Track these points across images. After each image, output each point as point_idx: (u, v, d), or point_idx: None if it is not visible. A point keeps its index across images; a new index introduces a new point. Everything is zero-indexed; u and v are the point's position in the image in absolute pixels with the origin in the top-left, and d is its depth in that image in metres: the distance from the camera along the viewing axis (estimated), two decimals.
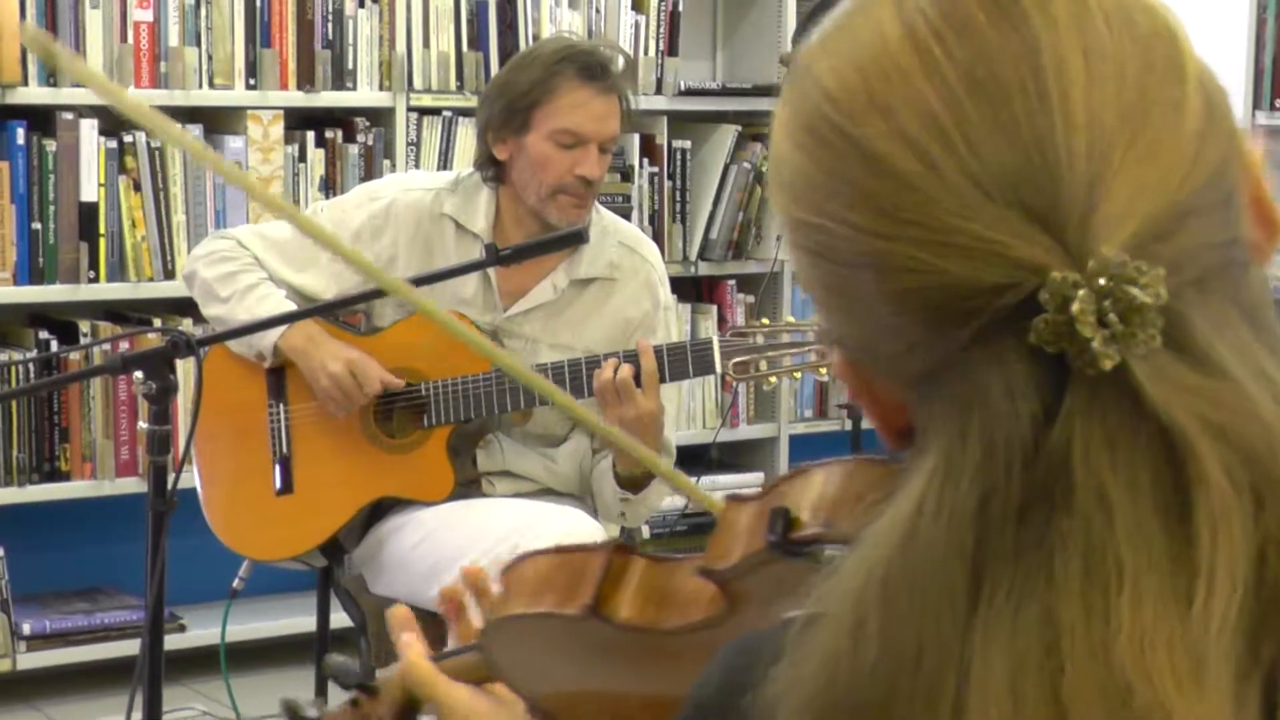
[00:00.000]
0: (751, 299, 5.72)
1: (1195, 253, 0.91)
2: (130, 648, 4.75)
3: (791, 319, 4.13)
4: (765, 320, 3.87)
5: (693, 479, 4.46)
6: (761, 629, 1.04)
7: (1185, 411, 0.88)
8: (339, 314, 3.73)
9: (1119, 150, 0.91)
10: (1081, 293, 0.88)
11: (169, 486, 2.93)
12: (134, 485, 4.87)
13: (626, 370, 3.49)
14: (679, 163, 5.60)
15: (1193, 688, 0.86)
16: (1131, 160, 0.91)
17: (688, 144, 5.61)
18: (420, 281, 3.50)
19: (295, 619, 4.98)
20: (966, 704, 0.87)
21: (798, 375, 3.73)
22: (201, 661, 4.81)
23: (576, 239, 3.39)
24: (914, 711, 0.88)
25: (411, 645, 1.59)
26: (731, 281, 5.70)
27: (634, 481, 3.64)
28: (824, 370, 3.77)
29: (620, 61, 3.69)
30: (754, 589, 1.21)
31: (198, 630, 4.91)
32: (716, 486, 5.55)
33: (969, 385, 0.91)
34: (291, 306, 3.63)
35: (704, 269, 5.63)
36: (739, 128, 5.65)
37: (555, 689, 1.45)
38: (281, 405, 3.73)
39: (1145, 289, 0.88)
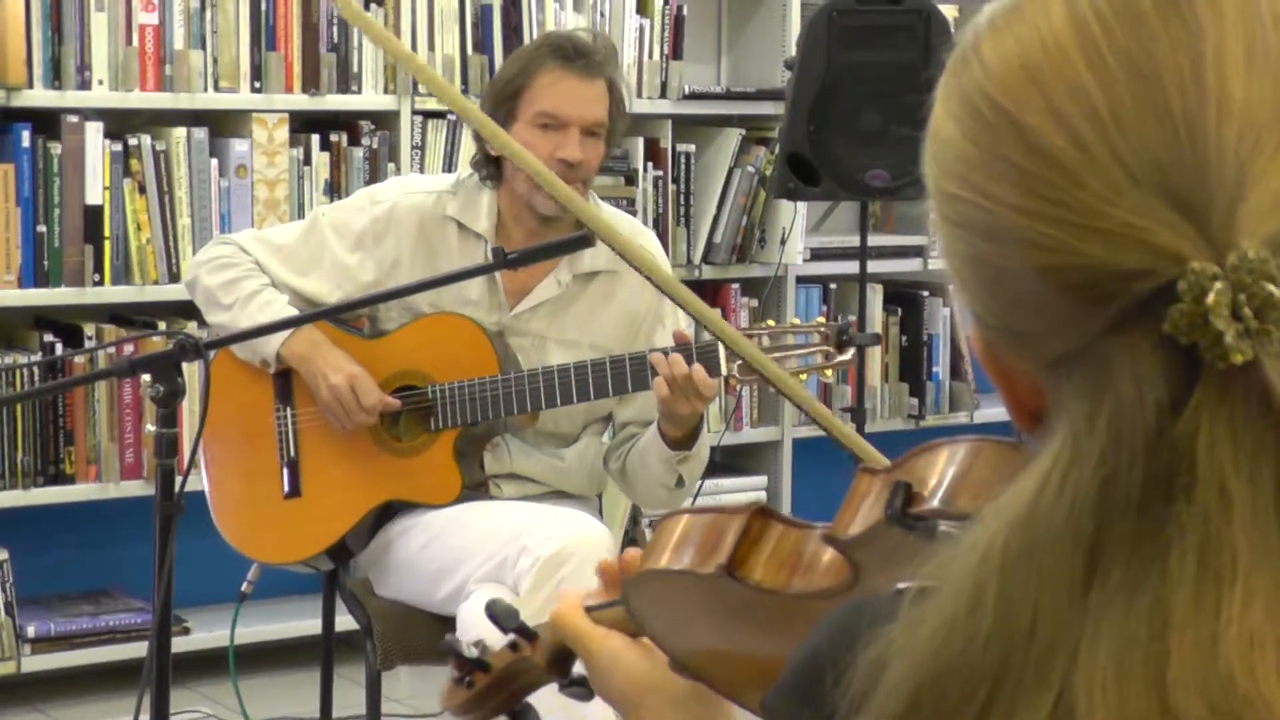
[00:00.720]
0: (755, 302, 5.73)
1: None
2: (135, 650, 4.75)
3: (796, 320, 4.13)
4: (771, 322, 3.87)
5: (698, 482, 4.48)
6: (860, 599, 1.06)
7: None
8: (344, 317, 3.73)
9: (1270, 146, 0.91)
10: (1218, 285, 0.88)
11: (176, 489, 2.93)
12: (138, 488, 4.87)
13: (681, 364, 3.45)
14: (683, 166, 5.61)
15: None
16: None
17: (692, 148, 5.61)
18: (428, 285, 3.50)
19: (300, 622, 4.98)
20: (1074, 682, 0.88)
21: (804, 377, 3.73)
22: (205, 664, 4.81)
23: (583, 243, 3.39)
24: (1024, 684, 0.89)
25: (566, 594, 1.62)
26: (735, 285, 5.70)
27: (684, 440, 3.60)
28: (829, 373, 3.77)
29: (603, 48, 3.67)
30: (874, 559, 1.24)
31: (201, 633, 4.92)
32: (720, 490, 5.56)
33: (1099, 370, 0.92)
34: (295, 313, 3.63)
35: (708, 272, 5.64)
36: (743, 131, 5.65)
37: (692, 644, 1.48)
38: (289, 409, 3.73)
39: None
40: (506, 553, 3.50)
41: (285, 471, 3.74)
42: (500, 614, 1.72)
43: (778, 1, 5.74)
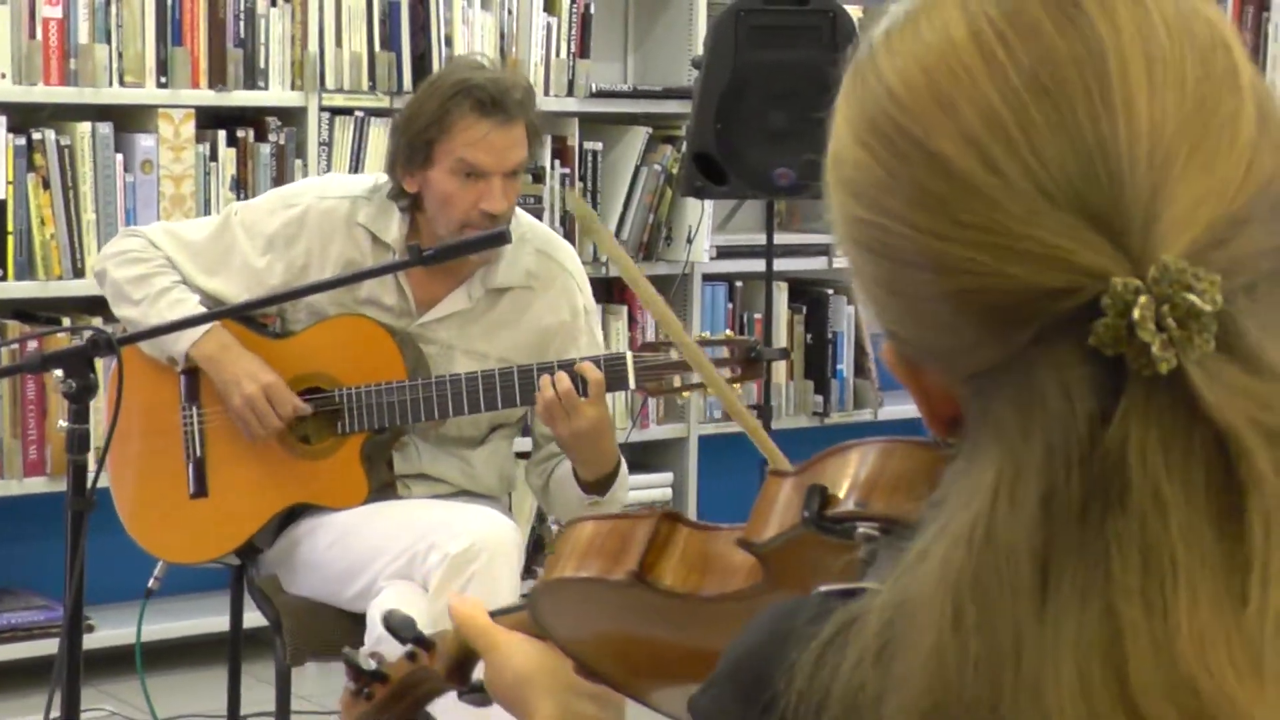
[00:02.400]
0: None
1: (1248, 259, 0.94)
2: (38, 649, 4.72)
3: (706, 334, 4.16)
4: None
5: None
6: (791, 600, 1.07)
7: (1238, 414, 0.91)
8: (253, 315, 3.72)
9: (1180, 158, 0.93)
10: (1143, 299, 0.90)
11: (88, 485, 2.92)
12: (41, 485, 4.84)
13: (565, 380, 3.49)
14: (590, 164, 5.62)
15: (1253, 681, 0.89)
16: (1192, 169, 0.93)
17: (599, 146, 5.62)
18: (342, 281, 3.50)
19: (207, 619, 4.97)
20: (1047, 695, 0.90)
21: (711, 392, 3.75)
22: (111, 663, 4.78)
23: (499, 240, 3.39)
24: (1019, 705, 0.91)
25: (466, 599, 1.65)
26: None
27: (599, 484, 3.64)
28: (738, 387, 3.79)
29: (519, 91, 3.62)
30: (789, 562, 1.25)
31: (106, 630, 4.88)
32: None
33: (1028, 385, 0.93)
34: (205, 311, 3.61)
35: (615, 270, 5.65)
36: (650, 130, 5.67)
37: (598, 648, 1.50)
38: (195, 408, 3.71)
39: (1203, 295, 0.90)
40: (416, 549, 3.51)
41: (191, 471, 3.72)
42: (397, 625, 1.73)
43: (684, 1, 5.77)
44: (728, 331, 4.92)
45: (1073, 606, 0.90)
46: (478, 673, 1.69)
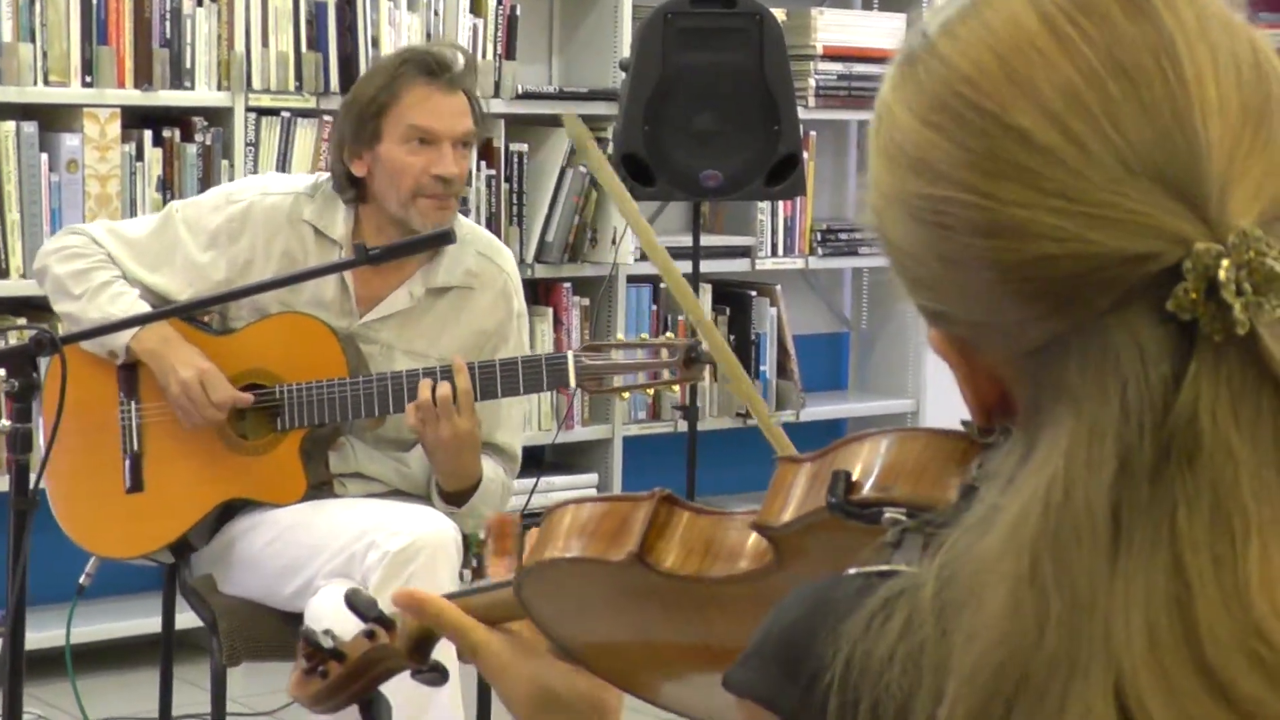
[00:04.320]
0: (587, 302, 5.77)
1: None
2: None
3: (645, 335, 4.17)
4: (620, 336, 3.90)
5: (530, 480, 4.51)
6: (826, 578, 1.09)
7: None
8: (194, 313, 3.71)
9: (1247, 137, 0.99)
10: (1225, 262, 0.95)
11: (31, 485, 2.91)
12: None
13: (446, 389, 3.52)
14: (516, 165, 5.63)
15: None
16: (1257, 146, 0.99)
17: (525, 147, 5.63)
18: (285, 281, 3.50)
19: (138, 620, 4.94)
20: (1118, 648, 0.93)
21: (650, 392, 3.77)
22: (39, 664, 4.74)
23: (445, 239, 3.40)
24: (1094, 651, 0.94)
25: (431, 595, 1.64)
26: (567, 284, 5.74)
27: (458, 496, 3.69)
28: (675, 389, 3.82)
29: (461, 60, 3.70)
30: (806, 545, 1.27)
31: (35, 632, 4.80)
32: (552, 488, 5.58)
33: (1102, 351, 0.98)
34: (145, 306, 3.62)
35: (540, 271, 5.67)
36: None
37: (590, 633, 1.49)
38: (133, 403, 3.70)
39: (1279, 261, 0.96)
40: (355, 548, 3.51)
41: (128, 465, 3.71)
42: (361, 604, 1.73)
43: (610, 3, 5.79)
44: (668, 334, 4.94)
45: (1143, 561, 0.95)
46: (436, 652, 1.70)
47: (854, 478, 1.22)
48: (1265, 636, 0.93)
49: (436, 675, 1.70)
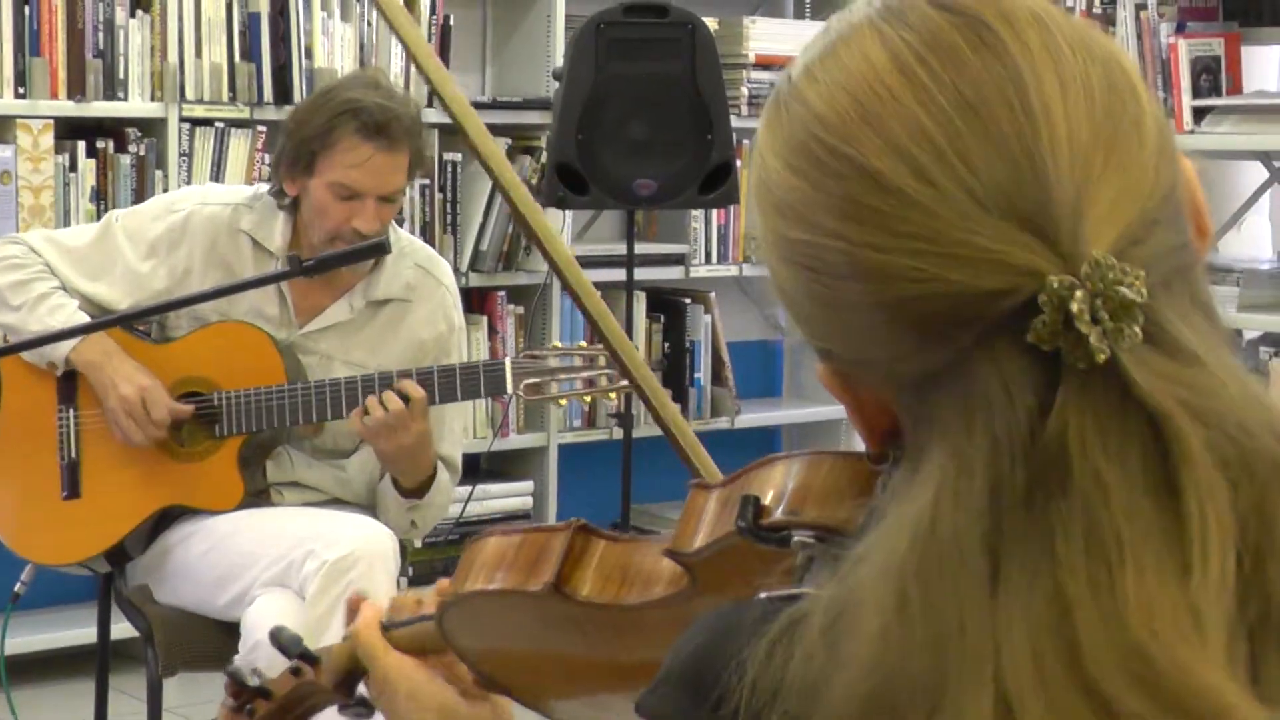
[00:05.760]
0: (521, 310, 5.79)
1: (1161, 255, 1.00)
2: None
3: (583, 343, 4.20)
4: (557, 344, 3.92)
5: (466, 489, 4.53)
6: (734, 603, 1.11)
7: (1168, 397, 0.97)
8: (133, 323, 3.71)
9: (1097, 163, 1.00)
10: (1079, 294, 0.96)
11: None
12: None
13: (396, 400, 3.54)
14: (450, 175, 5.65)
15: (1199, 647, 0.95)
16: (1109, 172, 1.00)
17: (458, 156, 5.65)
18: (223, 292, 3.51)
19: (74, 631, 4.93)
20: (1004, 677, 0.95)
21: (588, 399, 3.78)
22: None
23: (379, 250, 3.42)
24: (964, 684, 0.95)
25: (365, 609, 1.66)
26: (502, 293, 5.76)
27: (417, 490, 3.71)
28: (613, 396, 3.84)
29: (407, 120, 3.63)
30: (718, 570, 1.27)
31: None
32: (488, 495, 5.61)
33: (969, 385, 0.99)
34: (85, 318, 3.62)
35: (474, 280, 5.68)
36: (509, 140, 5.70)
37: (512, 662, 1.52)
38: (71, 410, 3.71)
39: (1131, 288, 0.97)
40: (292, 556, 3.52)
41: (64, 472, 3.71)
42: (286, 642, 1.74)
43: (542, 13, 5.81)
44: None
45: (1022, 589, 0.95)
46: (363, 687, 1.70)
47: (763, 502, 1.23)
48: (1144, 657, 0.94)
49: (363, 710, 1.70)
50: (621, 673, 1.43)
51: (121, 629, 3.94)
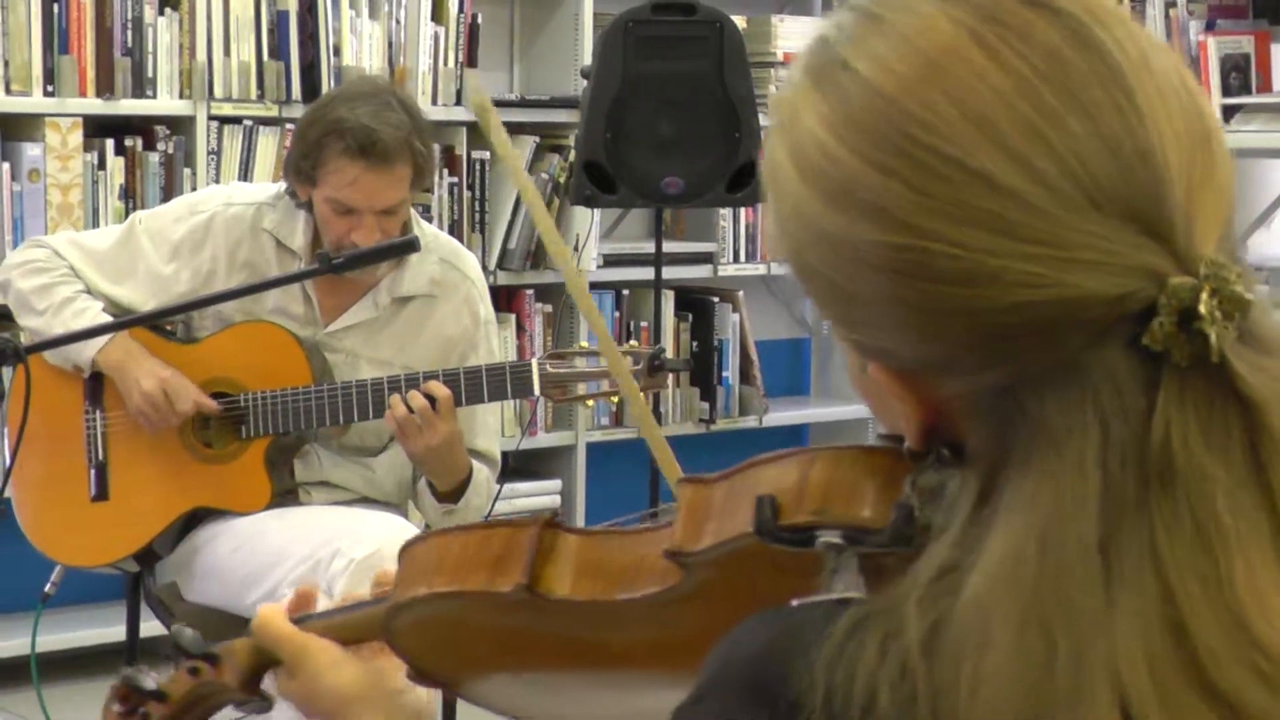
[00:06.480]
0: (549, 308, 5.79)
1: (1238, 251, 1.01)
2: None
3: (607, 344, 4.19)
4: (584, 344, 3.91)
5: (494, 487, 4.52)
6: (783, 608, 1.07)
7: (1267, 390, 0.98)
8: (158, 322, 3.71)
9: (1199, 163, 1.00)
10: (1204, 295, 0.96)
11: None
12: None
13: (420, 399, 3.54)
14: (478, 173, 5.64)
15: None
16: (1207, 172, 1.00)
17: (486, 155, 5.65)
18: (249, 290, 3.51)
19: (104, 629, 4.93)
20: (1121, 677, 0.94)
21: (615, 400, 3.78)
22: (3, 673, 4.75)
23: (409, 248, 3.41)
24: (1093, 686, 0.95)
25: (266, 609, 1.61)
26: (530, 291, 5.75)
27: (452, 494, 3.69)
28: (640, 396, 3.82)
29: (398, 133, 3.54)
30: (722, 569, 1.23)
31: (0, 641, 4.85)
32: (516, 494, 5.60)
33: (1081, 389, 0.98)
34: (109, 320, 3.62)
35: (502, 278, 5.68)
36: (537, 138, 5.70)
37: (459, 657, 1.47)
38: (99, 411, 3.71)
39: (1240, 286, 0.97)
40: (320, 555, 3.52)
41: (93, 474, 3.72)
42: (186, 643, 1.67)
43: (570, 11, 5.81)
44: (632, 341, 4.96)
45: (1134, 589, 0.95)
46: (266, 683, 1.65)
47: (779, 500, 1.17)
48: (1264, 649, 0.94)
49: (261, 703, 1.65)
50: (593, 662, 1.38)
51: (151, 626, 3.94)
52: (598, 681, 1.41)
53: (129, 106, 5.06)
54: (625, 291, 5.95)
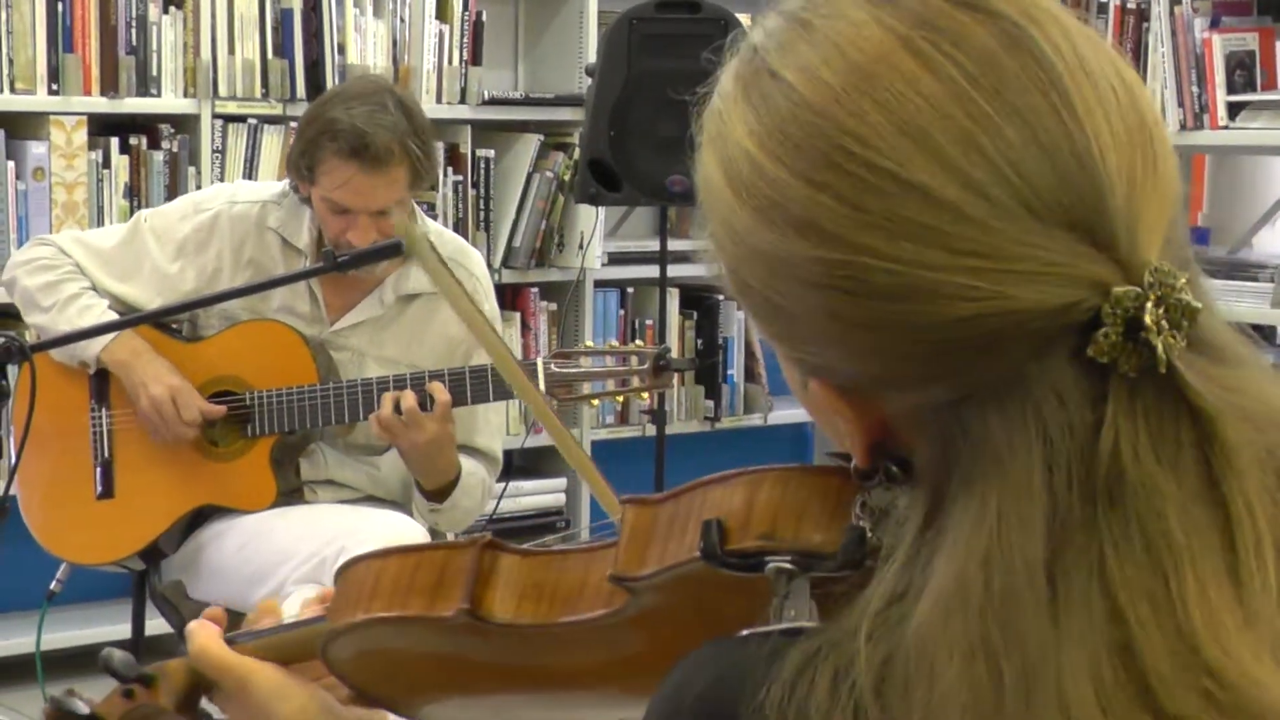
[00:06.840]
0: (554, 306, 5.78)
1: (1183, 255, 0.97)
2: None
3: (615, 342, 4.19)
4: (589, 343, 3.91)
5: (499, 486, 4.52)
6: (727, 640, 1.04)
7: (1219, 400, 0.94)
8: (164, 320, 3.71)
9: (1139, 167, 0.96)
10: (1149, 304, 0.92)
11: (1, 491, 2.92)
12: None
13: (410, 398, 3.53)
14: (482, 171, 5.64)
15: (1268, 662, 0.92)
16: (1148, 175, 0.96)
17: (491, 153, 5.65)
18: (255, 289, 3.51)
19: (109, 627, 4.93)
20: (1068, 701, 0.91)
21: (620, 399, 3.77)
22: (8, 670, 4.75)
23: (393, 251, 3.42)
24: (1048, 708, 0.91)
25: (201, 627, 1.55)
26: (535, 289, 5.75)
27: (439, 493, 3.69)
28: (645, 396, 3.83)
29: (392, 134, 3.53)
30: (667, 592, 1.19)
31: (5, 639, 4.85)
32: (521, 493, 5.60)
33: (1024, 402, 0.94)
34: (115, 318, 3.62)
35: (508, 276, 5.68)
36: (541, 137, 5.70)
37: (400, 678, 1.42)
38: (104, 409, 3.71)
39: (1186, 293, 0.94)
40: (325, 553, 3.52)
41: (98, 472, 3.72)
42: (118, 665, 1.62)
43: (575, 9, 5.81)
44: (637, 341, 4.96)
45: (1082, 612, 0.92)
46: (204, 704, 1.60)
47: (726, 524, 1.12)
48: (1215, 674, 0.91)
49: None
50: (534, 684, 1.35)
51: (156, 624, 3.94)
52: (546, 702, 1.37)
53: (133, 105, 5.06)
54: (630, 289, 5.94)
